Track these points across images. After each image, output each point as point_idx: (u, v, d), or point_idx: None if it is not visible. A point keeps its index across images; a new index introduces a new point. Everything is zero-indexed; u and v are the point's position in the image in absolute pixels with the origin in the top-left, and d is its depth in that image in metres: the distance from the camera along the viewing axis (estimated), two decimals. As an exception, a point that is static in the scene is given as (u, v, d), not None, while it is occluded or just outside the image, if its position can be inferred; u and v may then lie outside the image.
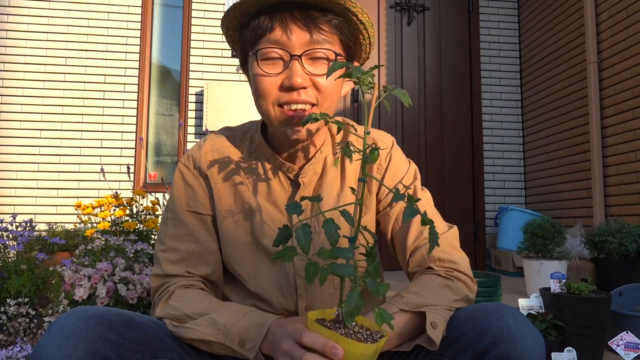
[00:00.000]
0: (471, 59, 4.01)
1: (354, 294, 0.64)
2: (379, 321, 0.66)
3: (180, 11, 3.79)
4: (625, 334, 1.56)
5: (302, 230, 0.64)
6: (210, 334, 0.83)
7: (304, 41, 0.89)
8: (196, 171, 1.01)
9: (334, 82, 0.93)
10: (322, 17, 0.90)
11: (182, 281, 0.95)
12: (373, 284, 0.65)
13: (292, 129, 0.91)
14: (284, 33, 0.88)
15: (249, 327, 0.82)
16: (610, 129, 3.03)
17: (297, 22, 0.89)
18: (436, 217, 1.02)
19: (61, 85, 3.51)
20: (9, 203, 3.37)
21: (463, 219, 3.82)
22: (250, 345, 0.80)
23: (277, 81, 0.90)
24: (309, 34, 0.89)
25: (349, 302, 0.64)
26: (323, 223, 0.66)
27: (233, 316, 0.84)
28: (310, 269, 0.64)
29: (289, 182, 1.00)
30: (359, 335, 0.69)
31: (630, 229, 2.44)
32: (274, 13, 0.89)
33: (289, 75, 0.89)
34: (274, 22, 0.89)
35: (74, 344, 0.72)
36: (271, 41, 0.89)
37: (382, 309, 0.67)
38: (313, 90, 0.91)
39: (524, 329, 0.76)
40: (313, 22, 0.89)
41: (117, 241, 2.01)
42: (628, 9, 2.90)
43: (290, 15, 0.89)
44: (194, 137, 3.59)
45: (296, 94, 0.89)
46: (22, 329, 2.04)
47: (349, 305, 0.64)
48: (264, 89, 0.91)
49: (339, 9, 0.91)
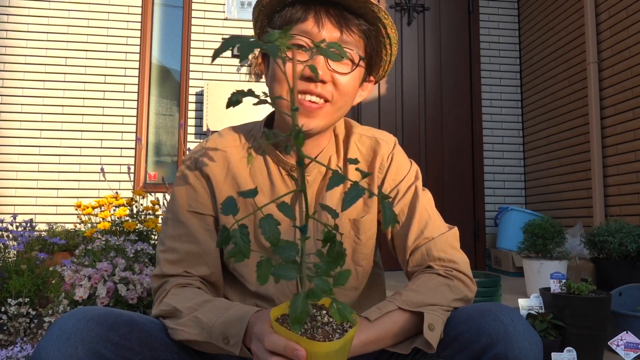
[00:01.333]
0: (471, 59, 4.01)
1: (298, 298, 0.58)
2: (337, 317, 0.61)
3: (180, 11, 3.79)
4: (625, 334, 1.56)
5: (238, 232, 0.60)
6: (197, 334, 0.82)
7: (333, 38, 0.91)
8: (198, 172, 1.01)
9: (352, 82, 0.95)
10: (354, 20, 0.93)
11: (179, 280, 0.95)
12: (324, 283, 0.59)
13: (302, 121, 0.91)
14: (316, 25, 0.90)
15: (230, 323, 0.81)
16: (610, 129, 3.03)
17: (330, 18, 0.91)
18: (436, 217, 1.02)
19: (61, 85, 3.51)
20: (9, 203, 3.37)
21: (463, 219, 3.82)
22: (234, 341, 0.79)
23: (298, 68, 0.90)
24: (339, 32, 0.91)
25: (293, 307, 0.57)
26: (260, 220, 0.60)
27: (215, 313, 0.83)
28: (261, 268, 0.59)
29: (292, 181, 1.01)
30: (327, 328, 0.66)
31: (630, 229, 2.44)
32: (310, 5, 0.91)
33: None
34: (307, 13, 0.91)
35: (74, 345, 0.72)
36: (302, 30, 0.90)
37: (341, 303, 0.62)
38: (331, 86, 0.92)
39: (521, 330, 0.76)
40: (345, 22, 0.91)
41: (117, 241, 2.01)
42: (628, 9, 2.90)
43: (326, 10, 0.91)
44: (194, 137, 3.59)
45: (314, 86, 0.90)
46: (23, 329, 2.04)
47: (293, 311, 0.57)
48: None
49: (371, 17, 0.94)
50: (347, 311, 0.61)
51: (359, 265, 1.02)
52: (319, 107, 0.91)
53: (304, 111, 0.91)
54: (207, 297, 0.89)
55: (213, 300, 0.88)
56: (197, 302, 0.87)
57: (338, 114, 0.96)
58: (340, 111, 0.95)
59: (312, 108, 0.91)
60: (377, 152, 1.04)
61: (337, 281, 0.63)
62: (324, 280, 0.59)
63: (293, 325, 0.58)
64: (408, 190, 1.02)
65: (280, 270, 0.58)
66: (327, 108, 0.92)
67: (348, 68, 0.93)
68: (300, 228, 0.62)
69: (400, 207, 1.01)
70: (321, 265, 0.61)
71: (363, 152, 1.05)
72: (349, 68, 0.93)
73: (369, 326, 0.83)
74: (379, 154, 1.04)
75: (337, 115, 0.96)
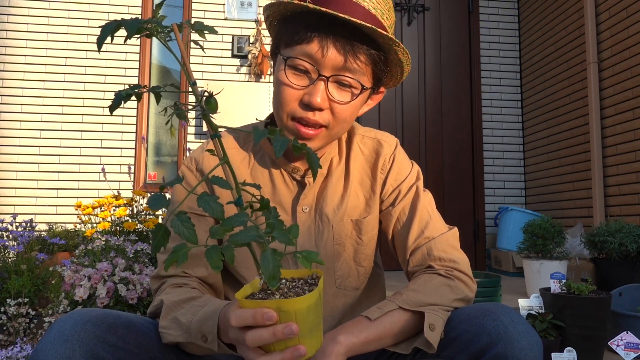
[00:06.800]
0: (471, 59, 4.01)
1: (267, 255, 0.58)
2: (305, 264, 0.61)
3: (180, 11, 3.79)
4: (625, 334, 1.56)
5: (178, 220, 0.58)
6: (179, 335, 0.82)
7: (337, 64, 0.88)
8: (198, 173, 1.01)
9: (352, 110, 0.93)
10: (362, 47, 0.88)
11: (175, 280, 0.95)
12: (282, 235, 0.60)
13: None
14: (320, 49, 0.87)
15: (204, 321, 0.80)
16: (610, 129, 3.03)
17: (336, 44, 0.87)
18: (437, 217, 1.02)
19: (61, 85, 3.51)
20: (9, 203, 3.37)
21: (463, 219, 3.82)
22: (211, 338, 0.78)
23: (298, 94, 0.90)
24: (343, 60, 0.88)
25: (265, 265, 0.58)
26: (197, 199, 0.59)
27: (193, 312, 0.82)
28: (210, 254, 0.58)
29: (294, 182, 1.01)
30: (297, 290, 0.65)
31: (630, 229, 2.44)
32: (317, 26, 0.87)
33: (311, 93, 0.88)
34: (313, 35, 0.87)
35: (72, 347, 0.72)
36: (305, 53, 0.88)
37: (305, 251, 0.62)
38: (328, 113, 0.91)
39: (521, 330, 0.76)
40: (352, 49, 0.87)
41: (117, 241, 2.01)
42: (628, 9, 2.90)
43: (333, 35, 0.87)
44: (194, 137, 3.59)
45: (311, 114, 0.89)
46: (22, 329, 2.04)
47: (266, 268, 0.58)
48: (283, 97, 0.91)
49: (381, 42, 0.90)
50: (314, 255, 0.62)
51: (361, 265, 1.02)
52: (315, 133, 0.91)
53: (300, 137, 0.91)
54: (192, 295, 0.88)
55: (196, 298, 0.87)
56: (182, 299, 0.86)
57: (335, 136, 0.96)
58: (338, 134, 0.96)
59: (308, 135, 0.91)
60: (379, 153, 1.04)
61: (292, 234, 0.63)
62: (281, 232, 0.60)
63: (270, 281, 0.58)
64: (409, 190, 1.03)
65: (239, 236, 0.58)
66: (323, 133, 0.92)
67: (349, 97, 0.91)
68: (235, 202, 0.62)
69: (401, 207, 1.02)
70: (271, 222, 0.61)
71: (365, 153, 1.05)
72: (350, 97, 0.91)
73: (370, 325, 0.83)
74: (381, 155, 1.04)
75: (334, 137, 0.96)
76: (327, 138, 0.94)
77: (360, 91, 0.92)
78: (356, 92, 0.91)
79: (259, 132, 0.60)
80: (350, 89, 0.91)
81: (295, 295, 0.64)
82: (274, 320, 0.61)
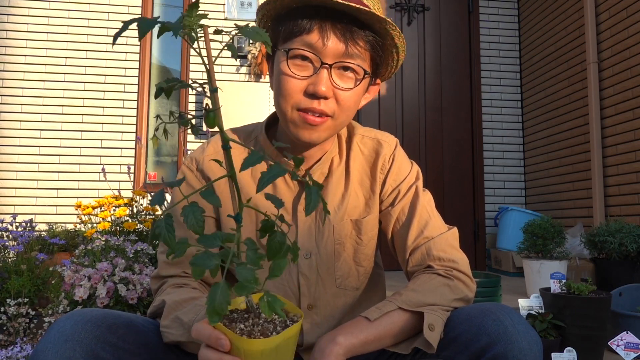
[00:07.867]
0: (471, 59, 4.01)
1: (217, 288, 0.52)
2: (266, 311, 0.56)
3: (180, 11, 3.79)
4: (625, 334, 1.56)
5: (164, 221, 0.55)
6: (181, 335, 0.82)
7: (338, 51, 0.89)
8: (199, 173, 1.01)
9: (355, 96, 0.94)
10: (361, 32, 0.90)
11: (176, 280, 0.95)
12: (247, 273, 0.53)
13: (304, 133, 0.92)
14: (321, 38, 0.88)
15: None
16: (610, 129, 3.03)
17: (335, 32, 0.88)
18: (436, 217, 1.02)
19: (61, 85, 3.51)
20: (9, 203, 3.37)
21: (463, 219, 3.82)
22: None
23: (302, 85, 0.90)
24: (344, 46, 0.89)
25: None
26: (183, 209, 0.55)
27: (195, 312, 0.83)
28: (194, 262, 0.54)
29: (295, 182, 1.01)
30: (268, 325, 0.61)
31: (630, 229, 2.44)
32: (315, 16, 0.88)
33: (315, 82, 0.89)
34: (312, 25, 0.88)
35: (72, 347, 0.72)
36: (306, 43, 0.89)
37: (272, 296, 0.57)
38: (333, 102, 0.91)
39: (521, 330, 0.76)
40: (351, 34, 0.89)
41: (117, 241, 2.01)
42: (628, 9, 2.90)
43: (332, 22, 0.88)
44: (194, 137, 3.59)
45: (317, 103, 0.89)
46: (22, 329, 2.04)
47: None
48: (287, 89, 0.90)
49: (377, 27, 0.92)
50: (278, 305, 0.56)
51: (360, 265, 1.02)
52: (321, 121, 0.91)
53: (307, 125, 0.91)
54: (194, 295, 0.88)
55: (198, 298, 0.88)
56: (184, 299, 0.87)
57: (340, 126, 0.96)
58: (343, 123, 0.96)
59: (315, 122, 0.91)
60: (379, 153, 1.04)
61: (272, 272, 0.59)
62: (247, 270, 0.54)
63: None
64: (409, 190, 1.03)
65: (199, 258, 0.53)
66: (328, 122, 0.92)
67: (352, 83, 0.92)
68: (234, 217, 0.59)
69: (401, 207, 1.02)
70: (250, 254, 0.56)
71: (365, 153, 1.06)
72: (353, 83, 0.92)
73: (369, 326, 0.83)
74: (381, 155, 1.04)
75: (339, 127, 0.96)
76: (332, 129, 0.94)
77: (362, 76, 0.92)
78: (359, 77, 0.92)
79: (256, 154, 0.56)
80: (353, 74, 0.92)
81: (260, 333, 0.60)
82: (225, 349, 0.61)
